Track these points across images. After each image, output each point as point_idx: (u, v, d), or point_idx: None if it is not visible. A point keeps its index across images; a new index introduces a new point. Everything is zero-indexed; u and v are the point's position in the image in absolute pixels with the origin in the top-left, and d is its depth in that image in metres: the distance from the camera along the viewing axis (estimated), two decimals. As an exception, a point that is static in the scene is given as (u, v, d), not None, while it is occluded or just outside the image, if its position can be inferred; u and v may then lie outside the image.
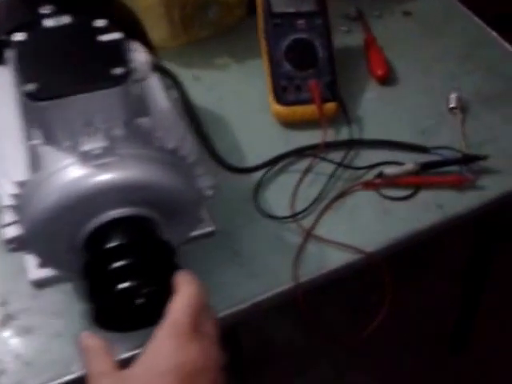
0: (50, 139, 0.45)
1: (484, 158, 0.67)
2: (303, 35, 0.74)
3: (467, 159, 0.67)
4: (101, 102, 0.43)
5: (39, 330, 0.58)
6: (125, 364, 0.43)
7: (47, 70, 0.44)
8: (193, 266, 0.60)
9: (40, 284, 0.55)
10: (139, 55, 0.45)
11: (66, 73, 0.44)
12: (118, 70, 0.43)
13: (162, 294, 0.45)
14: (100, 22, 0.46)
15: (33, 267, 0.53)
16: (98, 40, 0.45)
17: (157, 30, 0.79)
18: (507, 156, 0.69)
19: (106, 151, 0.43)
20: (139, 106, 0.49)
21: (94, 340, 0.44)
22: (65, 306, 0.59)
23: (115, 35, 0.46)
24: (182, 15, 0.78)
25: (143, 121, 0.48)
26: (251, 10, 0.80)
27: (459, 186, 0.66)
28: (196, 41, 0.81)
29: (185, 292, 0.44)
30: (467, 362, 1.20)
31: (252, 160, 0.70)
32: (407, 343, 1.23)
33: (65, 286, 0.58)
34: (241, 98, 0.77)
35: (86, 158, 0.43)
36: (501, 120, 0.73)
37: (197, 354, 0.41)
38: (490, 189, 0.66)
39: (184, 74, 0.79)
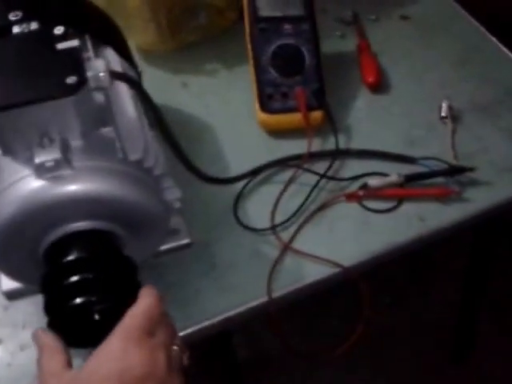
0: (8, 150, 0.45)
1: (471, 169, 0.65)
2: (290, 40, 0.72)
3: (454, 170, 0.65)
4: (55, 112, 0.43)
5: (7, 342, 0.58)
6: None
7: (1, 80, 0.44)
8: (168, 276, 0.61)
9: (12, 295, 0.55)
10: (98, 63, 0.45)
11: (19, 82, 0.43)
12: (72, 79, 0.42)
13: (119, 311, 0.44)
14: (58, 30, 0.46)
15: (6, 278, 0.53)
16: (55, 48, 0.45)
17: (144, 34, 0.79)
18: (496, 168, 0.67)
19: (60, 163, 0.43)
20: (101, 116, 0.48)
21: (48, 338, 0.44)
22: (35, 317, 0.58)
23: (73, 43, 0.45)
24: (169, 19, 0.78)
25: (106, 131, 0.48)
26: (242, 13, 0.79)
27: (444, 198, 0.64)
28: (185, 45, 0.81)
29: (142, 301, 0.44)
30: (469, 370, 1.18)
31: (236, 169, 0.69)
32: (408, 350, 1.22)
33: (37, 298, 0.58)
34: (228, 105, 0.77)
35: (39, 170, 0.43)
36: (492, 130, 0.71)
37: (144, 359, 0.41)
38: (477, 201, 0.65)
39: (172, 81, 0.79)
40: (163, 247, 0.57)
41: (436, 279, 1.31)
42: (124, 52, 0.60)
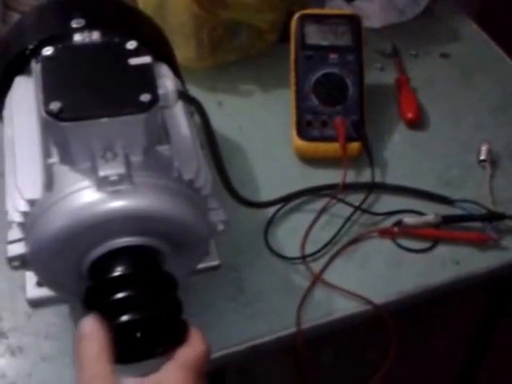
0: (67, 159, 0.48)
1: (510, 217, 0.69)
2: (335, 70, 0.76)
3: (492, 216, 0.69)
4: (124, 127, 0.46)
5: (29, 352, 0.60)
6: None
7: (72, 90, 0.46)
8: (194, 298, 0.63)
9: (36, 303, 0.56)
10: (167, 81, 0.48)
11: (92, 94, 0.46)
12: (146, 97, 0.45)
13: (163, 329, 0.47)
14: (131, 44, 0.49)
15: (32, 285, 0.55)
16: (128, 63, 0.48)
17: (184, 50, 0.82)
18: (533, 218, 0.71)
19: (123, 178, 0.46)
20: (160, 133, 0.51)
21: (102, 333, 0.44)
22: (59, 329, 0.61)
23: (145, 59, 0.48)
24: (211, 37, 0.81)
25: (163, 149, 0.51)
26: (283, 36, 0.83)
27: (481, 243, 0.68)
28: (223, 64, 0.84)
29: (198, 346, 0.46)
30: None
31: (267, 194, 0.72)
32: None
33: (61, 308, 0.60)
34: (262, 127, 0.80)
35: (101, 183, 0.46)
36: (530, 179, 0.75)
37: None
38: (513, 250, 0.68)
39: (207, 98, 0.81)
40: (193, 268, 0.60)
41: (443, 330, 1.33)
42: (175, 68, 0.63)
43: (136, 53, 0.48)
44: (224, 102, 0.82)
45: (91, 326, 0.44)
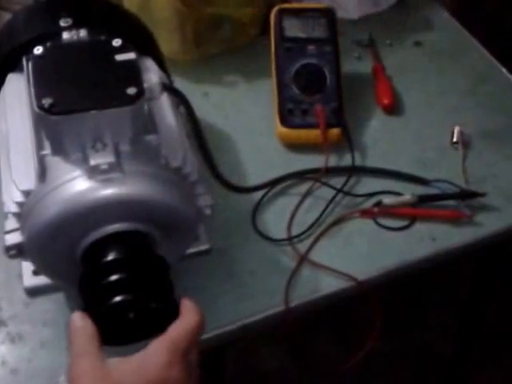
0: (59, 151, 0.48)
1: (482, 194, 0.70)
2: (313, 60, 0.77)
3: (465, 195, 0.70)
4: (112, 119, 0.46)
5: (28, 338, 0.60)
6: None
7: (62, 85, 0.47)
8: (186, 281, 0.63)
9: (34, 292, 0.57)
10: (152, 75, 0.48)
11: (81, 89, 0.46)
12: (132, 90, 0.46)
13: (155, 310, 0.47)
14: (116, 42, 0.49)
15: (29, 274, 0.55)
16: (114, 59, 0.48)
17: (169, 43, 0.82)
18: (505, 194, 0.72)
19: (113, 167, 0.46)
20: (147, 124, 0.51)
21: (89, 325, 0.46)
22: (55, 315, 0.61)
23: (130, 55, 0.48)
24: (195, 30, 0.81)
25: (150, 138, 0.51)
26: (265, 29, 0.83)
27: (455, 220, 0.69)
28: (207, 57, 0.84)
29: (190, 319, 0.47)
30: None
31: (253, 180, 0.72)
32: (399, 376, 1.25)
33: (57, 296, 0.60)
34: (247, 116, 0.80)
35: (92, 172, 0.46)
36: (501, 158, 0.75)
37: (182, 375, 0.44)
38: (486, 226, 0.69)
39: (193, 90, 0.82)
40: (184, 252, 0.60)
41: (434, 303, 1.34)
42: (160, 62, 0.63)
43: (121, 49, 0.49)
44: (209, 93, 0.82)
45: (79, 321, 0.46)
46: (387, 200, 0.70)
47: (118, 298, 0.47)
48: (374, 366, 1.20)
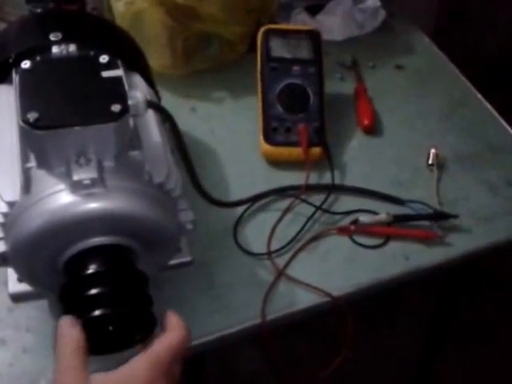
0: (44, 164, 0.47)
1: (454, 216, 0.70)
2: (297, 81, 0.77)
3: (438, 216, 0.70)
4: (95, 135, 0.46)
5: (10, 343, 0.59)
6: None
7: (48, 100, 0.46)
8: (168, 292, 0.63)
9: (18, 298, 0.56)
10: (137, 93, 0.47)
11: (66, 105, 0.46)
12: (116, 107, 0.45)
13: (134, 323, 0.47)
14: (103, 58, 0.49)
15: (13, 281, 0.54)
16: (100, 75, 0.47)
17: (159, 58, 0.82)
18: (476, 216, 0.72)
19: (95, 182, 0.46)
20: (131, 140, 0.51)
21: (77, 332, 0.44)
22: (39, 322, 0.60)
23: (117, 72, 0.48)
24: (185, 47, 0.81)
25: (134, 154, 0.51)
26: (253, 46, 0.83)
27: (428, 240, 0.69)
28: (196, 72, 0.84)
29: (174, 334, 0.46)
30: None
31: (236, 194, 0.72)
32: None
33: (41, 302, 0.60)
34: (233, 132, 0.80)
35: (75, 186, 0.45)
36: (473, 181, 0.76)
37: None
38: (457, 247, 0.69)
39: (181, 104, 0.82)
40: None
41: (404, 315, 1.34)
42: (148, 77, 0.63)
43: (108, 66, 0.48)
44: (197, 108, 0.82)
45: (67, 328, 0.45)
46: (363, 218, 0.70)
47: (97, 312, 0.46)
48: (348, 373, 1.19)
